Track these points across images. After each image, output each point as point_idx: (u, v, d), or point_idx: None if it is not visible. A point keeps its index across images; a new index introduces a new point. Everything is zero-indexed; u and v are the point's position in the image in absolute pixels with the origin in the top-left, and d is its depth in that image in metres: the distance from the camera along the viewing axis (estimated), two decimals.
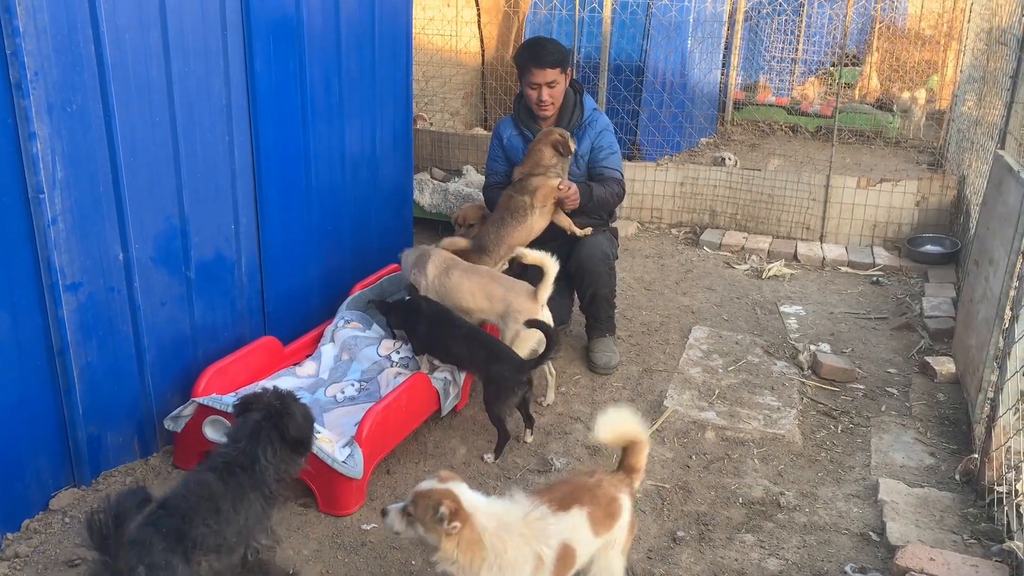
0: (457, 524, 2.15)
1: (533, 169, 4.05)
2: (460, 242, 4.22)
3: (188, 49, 3.22)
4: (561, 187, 4.00)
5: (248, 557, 2.43)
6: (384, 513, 2.31)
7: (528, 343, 3.62)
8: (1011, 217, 3.46)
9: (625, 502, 2.41)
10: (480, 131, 7.59)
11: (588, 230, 4.24)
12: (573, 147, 4.10)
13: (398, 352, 3.74)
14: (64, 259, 2.86)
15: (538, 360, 3.43)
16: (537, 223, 4.07)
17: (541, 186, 4.01)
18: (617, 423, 2.43)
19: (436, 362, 3.67)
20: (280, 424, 2.46)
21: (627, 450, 2.49)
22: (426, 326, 3.62)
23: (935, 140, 9.21)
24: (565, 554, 2.25)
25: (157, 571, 2.08)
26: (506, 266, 4.30)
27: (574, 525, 2.28)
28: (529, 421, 3.57)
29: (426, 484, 2.27)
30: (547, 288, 3.65)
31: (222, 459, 2.41)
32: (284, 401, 2.53)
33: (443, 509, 2.14)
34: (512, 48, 9.05)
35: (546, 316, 3.65)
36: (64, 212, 2.83)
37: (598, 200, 4.20)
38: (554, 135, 4.05)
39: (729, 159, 7.50)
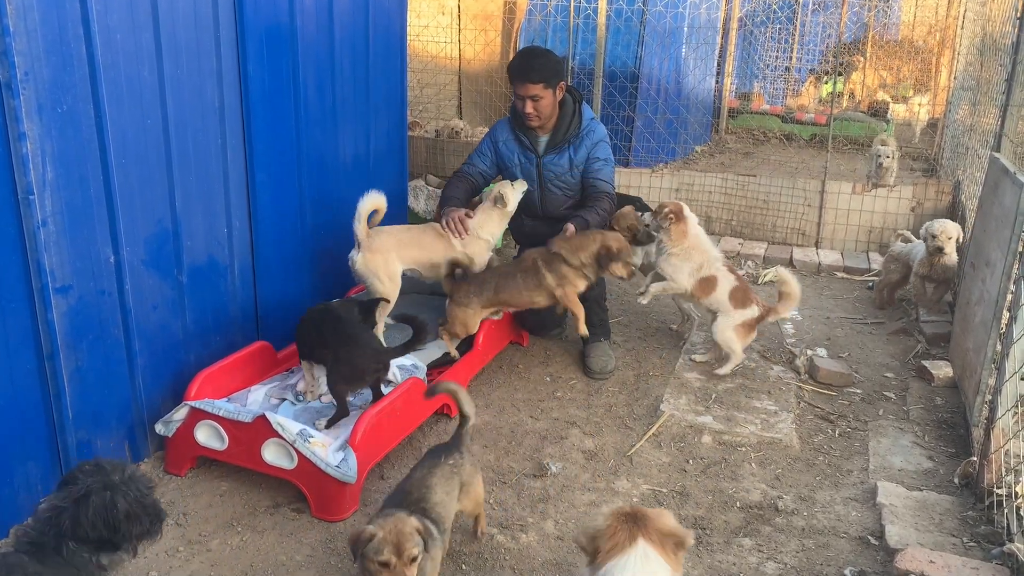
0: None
1: (572, 257, 3.87)
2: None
3: (180, 50, 3.20)
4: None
5: None
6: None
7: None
8: (1007, 219, 3.45)
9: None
10: (474, 138, 7.58)
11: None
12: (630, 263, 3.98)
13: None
14: (54, 261, 2.83)
15: (404, 347, 3.33)
16: (540, 302, 3.99)
17: (572, 286, 3.89)
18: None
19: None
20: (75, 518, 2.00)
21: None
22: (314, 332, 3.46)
23: (930, 147, 9.23)
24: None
25: None
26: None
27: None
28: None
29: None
30: None
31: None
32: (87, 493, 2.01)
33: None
34: (511, 55, 9.05)
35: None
36: (54, 214, 2.80)
37: (592, 228, 4.20)
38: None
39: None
